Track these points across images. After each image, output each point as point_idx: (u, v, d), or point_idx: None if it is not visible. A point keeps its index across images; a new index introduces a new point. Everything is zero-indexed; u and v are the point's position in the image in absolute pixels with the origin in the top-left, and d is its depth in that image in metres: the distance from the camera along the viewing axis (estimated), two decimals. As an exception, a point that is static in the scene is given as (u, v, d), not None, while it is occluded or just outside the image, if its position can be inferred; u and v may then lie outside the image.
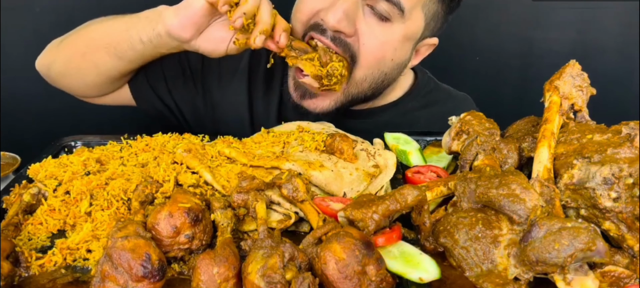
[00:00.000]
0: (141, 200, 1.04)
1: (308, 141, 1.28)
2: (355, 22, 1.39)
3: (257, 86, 1.75)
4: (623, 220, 0.90)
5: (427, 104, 1.76)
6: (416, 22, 1.47)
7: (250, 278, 0.81)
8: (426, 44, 1.59)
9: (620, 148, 0.94)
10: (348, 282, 0.81)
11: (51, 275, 0.92)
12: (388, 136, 1.39)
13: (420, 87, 1.78)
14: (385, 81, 1.55)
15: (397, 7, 1.38)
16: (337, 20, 1.35)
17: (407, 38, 1.48)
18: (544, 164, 1.01)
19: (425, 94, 1.78)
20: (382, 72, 1.50)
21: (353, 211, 0.94)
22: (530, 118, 1.25)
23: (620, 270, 0.88)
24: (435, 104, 1.76)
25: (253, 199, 1.01)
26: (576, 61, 1.16)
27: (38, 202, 1.09)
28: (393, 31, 1.43)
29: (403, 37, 1.46)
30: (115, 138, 1.35)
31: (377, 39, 1.42)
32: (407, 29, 1.45)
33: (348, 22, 1.37)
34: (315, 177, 1.12)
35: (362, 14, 1.40)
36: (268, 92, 1.75)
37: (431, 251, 0.98)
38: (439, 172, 1.22)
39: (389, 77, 1.54)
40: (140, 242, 0.84)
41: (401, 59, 1.52)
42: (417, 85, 1.78)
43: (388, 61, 1.48)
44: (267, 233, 0.91)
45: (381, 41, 1.43)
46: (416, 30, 1.49)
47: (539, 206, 0.90)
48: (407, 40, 1.48)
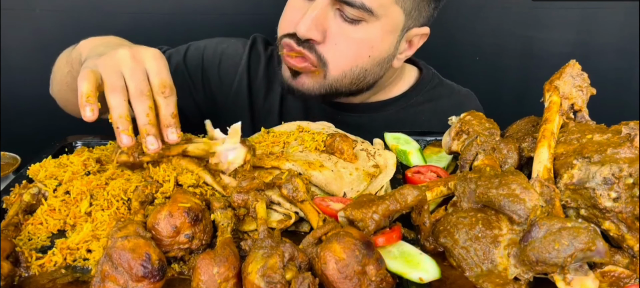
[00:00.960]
0: (141, 200, 1.03)
1: (308, 141, 1.28)
2: (324, 29, 1.43)
3: (257, 86, 1.76)
4: (623, 220, 0.90)
5: (430, 99, 1.77)
6: (393, 16, 1.47)
7: (250, 278, 0.81)
8: (417, 34, 1.58)
9: (620, 148, 0.94)
10: (348, 282, 0.81)
11: (51, 275, 0.92)
12: (388, 136, 1.39)
13: (425, 82, 1.78)
14: (367, 76, 1.56)
15: (363, 10, 1.40)
16: (307, 29, 1.41)
17: (386, 33, 1.48)
18: (544, 164, 1.01)
19: (429, 89, 1.78)
20: (362, 69, 1.52)
21: (353, 211, 0.94)
22: (530, 118, 1.25)
23: (620, 270, 0.88)
24: (439, 99, 1.77)
25: (253, 199, 1.01)
26: (576, 61, 1.16)
27: (38, 202, 1.09)
28: (367, 30, 1.45)
29: (381, 34, 1.47)
30: (116, 138, 1.35)
31: (350, 38, 1.45)
32: (384, 25, 1.46)
33: (317, 29, 1.42)
34: (315, 177, 1.12)
35: (333, 17, 1.44)
36: (269, 92, 1.75)
37: (431, 251, 0.98)
38: (439, 172, 1.22)
39: (371, 72, 1.55)
40: (140, 242, 0.84)
41: (381, 55, 1.53)
42: (421, 80, 1.78)
43: (365, 57, 1.50)
44: (267, 233, 0.91)
45: (354, 40, 1.45)
46: (395, 23, 1.49)
47: (539, 206, 0.90)
48: (386, 34, 1.49)
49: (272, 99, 1.76)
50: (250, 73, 1.76)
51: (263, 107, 1.77)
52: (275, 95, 1.76)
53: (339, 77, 1.51)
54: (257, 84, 1.77)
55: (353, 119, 1.69)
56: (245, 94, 1.75)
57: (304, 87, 1.54)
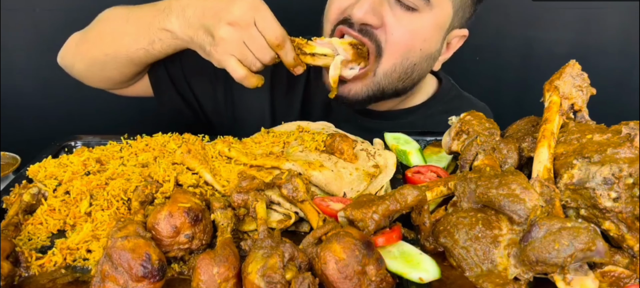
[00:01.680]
0: (141, 200, 1.04)
1: (308, 141, 1.28)
2: (381, 15, 1.43)
3: (278, 85, 1.75)
4: (623, 220, 0.90)
5: (448, 110, 1.75)
6: (445, 11, 1.48)
7: (250, 278, 0.81)
8: (457, 35, 1.60)
9: (620, 148, 0.94)
10: (348, 282, 0.81)
11: (51, 275, 0.92)
12: (388, 136, 1.39)
13: (444, 93, 1.79)
14: (415, 72, 1.55)
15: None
16: (364, 12, 1.40)
17: (436, 27, 1.49)
18: (544, 164, 1.01)
19: (447, 100, 1.79)
20: (411, 63, 1.52)
21: (353, 211, 0.94)
22: (530, 118, 1.25)
23: (620, 270, 0.88)
24: (457, 110, 1.76)
25: (253, 199, 1.01)
26: (576, 61, 1.16)
27: (38, 202, 1.09)
28: (421, 20, 1.45)
29: (432, 26, 1.48)
30: (115, 138, 1.35)
31: (405, 28, 1.45)
32: (436, 18, 1.47)
33: (374, 14, 1.41)
34: (315, 177, 1.12)
35: (389, 5, 1.43)
36: (290, 91, 1.75)
37: (431, 251, 0.98)
38: (439, 172, 1.22)
39: (419, 68, 1.55)
40: (140, 242, 0.84)
41: (431, 49, 1.53)
42: (440, 91, 1.79)
43: (417, 50, 1.50)
44: (267, 233, 0.91)
45: (409, 30, 1.45)
46: (445, 18, 1.50)
47: (538, 206, 0.90)
48: (436, 29, 1.50)
49: (293, 96, 1.75)
50: (273, 72, 1.74)
51: (283, 103, 1.76)
52: (297, 92, 1.75)
53: (389, 71, 1.50)
54: (279, 83, 1.76)
55: (374, 126, 1.68)
56: (267, 92, 1.74)
57: (351, 93, 1.52)
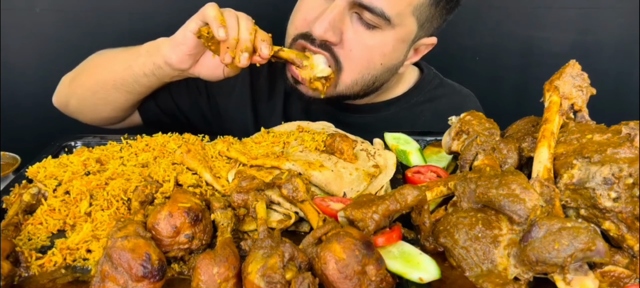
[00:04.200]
0: (141, 200, 1.04)
1: (308, 141, 1.28)
2: (341, 31, 1.42)
3: (260, 88, 1.76)
4: (623, 220, 0.90)
5: (431, 99, 1.77)
6: (408, 27, 1.47)
7: (250, 278, 0.81)
8: (424, 43, 1.59)
9: (620, 148, 0.94)
10: (348, 282, 0.81)
11: (51, 275, 0.92)
12: (388, 136, 1.39)
13: (426, 82, 1.79)
14: (376, 82, 1.56)
15: (381, 17, 1.40)
16: (324, 30, 1.39)
17: (398, 41, 1.48)
18: (544, 164, 1.01)
19: (430, 89, 1.78)
20: (373, 76, 1.52)
21: (353, 211, 0.94)
22: (530, 118, 1.25)
23: (620, 270, 0.88)
24: (439, 99, 1.77)
25: (253, 199, 1.01)
26: (576, 61, 1.16)
27: (38, 202, 1.09)
28: (382, 37, 1.45)
29: (394, 42, 1.47)
30: (115, 138, 1.35)
31: (364, 44, 1.44)
32: (398, 34, 1.46)
33: (334, 31, 1.41)
34: (315, 177, 1.12)
35: (350, 21, 1.43)
36: (272, 94, 1.76)
37: (431, 251, 0.98)
38: (439, 172, 1.22)
39: (381, 79, 1.56)
40: (140, 242, 0.84)
41: (393, 62, 1.53)
42: (422, 80, 1.79)
43: (377, 65, 1.50)
44: (267, 233, 0.91)
45: (368, 47, 1.45)
46: (408, 34, 1.49)
47: (538, 206, 0.90)
48: (399, 43, 1.49)
49: (275, 100, 1.76)
50: (253, 74, 1.76)
51: (266, 108, 1.77)
52: (278, 96, 1.75)
53: (350, 85, 1.51)
54: (260, 85, 1.77)
55: (355, 120, 1.69)
56: (248, 95, 1.75)
57: (310, 92, 1.53)
